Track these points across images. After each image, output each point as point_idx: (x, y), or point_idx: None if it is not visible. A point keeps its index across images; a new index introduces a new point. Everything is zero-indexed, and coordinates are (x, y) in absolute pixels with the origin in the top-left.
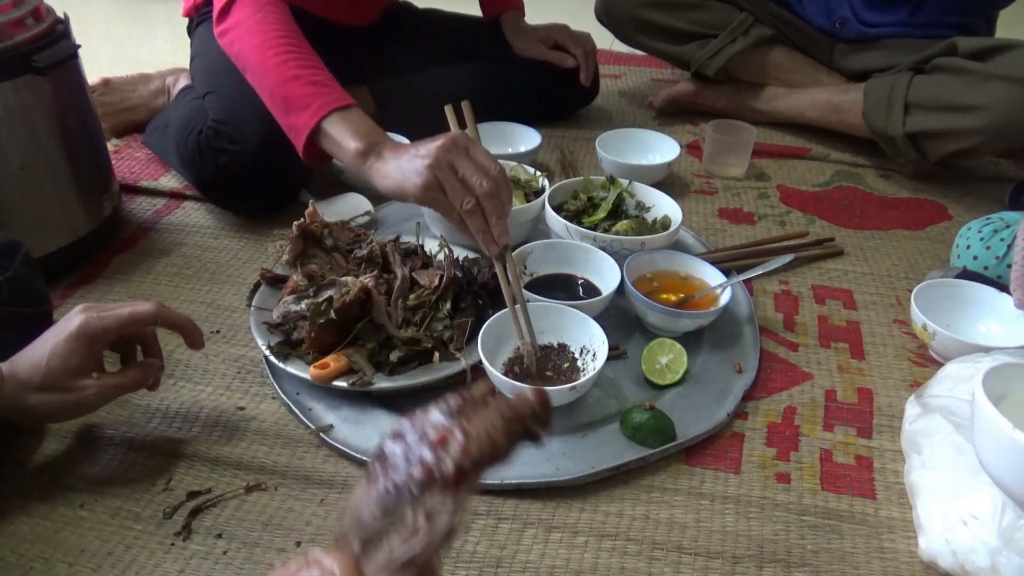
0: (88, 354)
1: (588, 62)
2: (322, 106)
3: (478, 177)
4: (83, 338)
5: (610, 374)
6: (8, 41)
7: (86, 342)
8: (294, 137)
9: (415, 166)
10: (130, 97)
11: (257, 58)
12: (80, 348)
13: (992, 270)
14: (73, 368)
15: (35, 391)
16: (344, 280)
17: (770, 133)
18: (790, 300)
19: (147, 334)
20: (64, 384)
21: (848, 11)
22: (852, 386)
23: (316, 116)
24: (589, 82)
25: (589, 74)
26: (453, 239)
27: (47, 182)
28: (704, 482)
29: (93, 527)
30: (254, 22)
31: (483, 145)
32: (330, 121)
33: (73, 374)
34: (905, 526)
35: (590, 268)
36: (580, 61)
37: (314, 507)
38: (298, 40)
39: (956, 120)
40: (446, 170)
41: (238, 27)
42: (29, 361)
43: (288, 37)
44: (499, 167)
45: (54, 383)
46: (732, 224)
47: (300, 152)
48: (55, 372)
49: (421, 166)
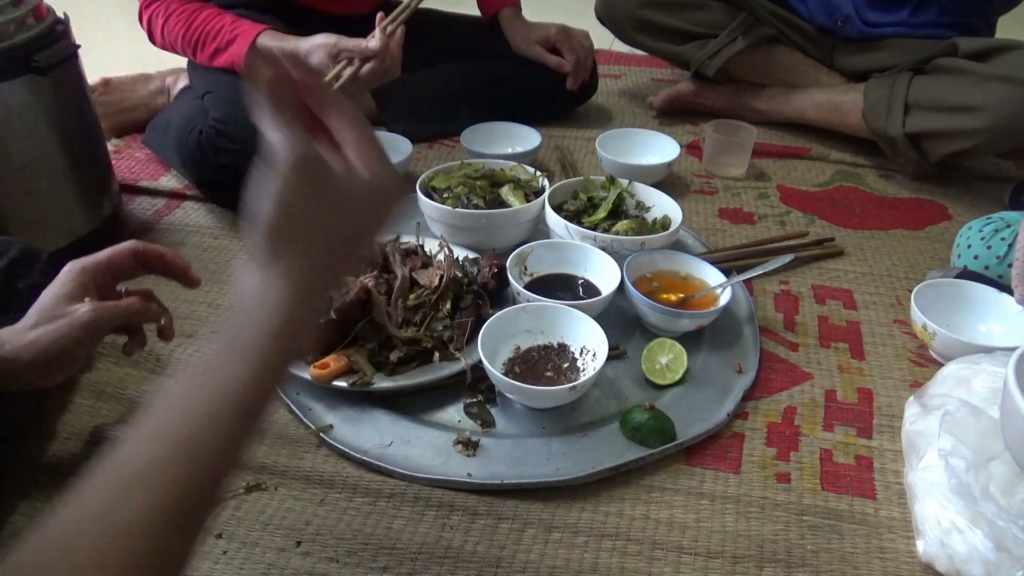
0: (77, 285)
1: (578, 72)
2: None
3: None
4: (72, 271)
5: (610, 374)
6: (8, 41)
7: (74, 274)
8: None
9: (317, 41)
10: (130, 97)
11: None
12: (69, 280)
13: (993, 270)
14: (64, 295)
15: (30, 329)
16: (344, 280)
17: (770, 133)
18: (790, 300)
19: (143, 293)
20: (57, 312)
21: (851, 9)
22: (852, 386)
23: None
24: (576, 88)
25: (577, 83)
26: (453, 239)
27: (47, 182)
28: (704, 482)
29: None
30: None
31: (481, 145)
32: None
33: (65, 301)
34: (905, 526)
35: (590, 268)
36: (570, 69)
37: (314, 507)
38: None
39: (956, 120)
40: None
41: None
42: (25, 316)
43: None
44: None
45: (46, 314)
46: (732, 224)
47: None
48: (47, 305)
49: (324, 41)
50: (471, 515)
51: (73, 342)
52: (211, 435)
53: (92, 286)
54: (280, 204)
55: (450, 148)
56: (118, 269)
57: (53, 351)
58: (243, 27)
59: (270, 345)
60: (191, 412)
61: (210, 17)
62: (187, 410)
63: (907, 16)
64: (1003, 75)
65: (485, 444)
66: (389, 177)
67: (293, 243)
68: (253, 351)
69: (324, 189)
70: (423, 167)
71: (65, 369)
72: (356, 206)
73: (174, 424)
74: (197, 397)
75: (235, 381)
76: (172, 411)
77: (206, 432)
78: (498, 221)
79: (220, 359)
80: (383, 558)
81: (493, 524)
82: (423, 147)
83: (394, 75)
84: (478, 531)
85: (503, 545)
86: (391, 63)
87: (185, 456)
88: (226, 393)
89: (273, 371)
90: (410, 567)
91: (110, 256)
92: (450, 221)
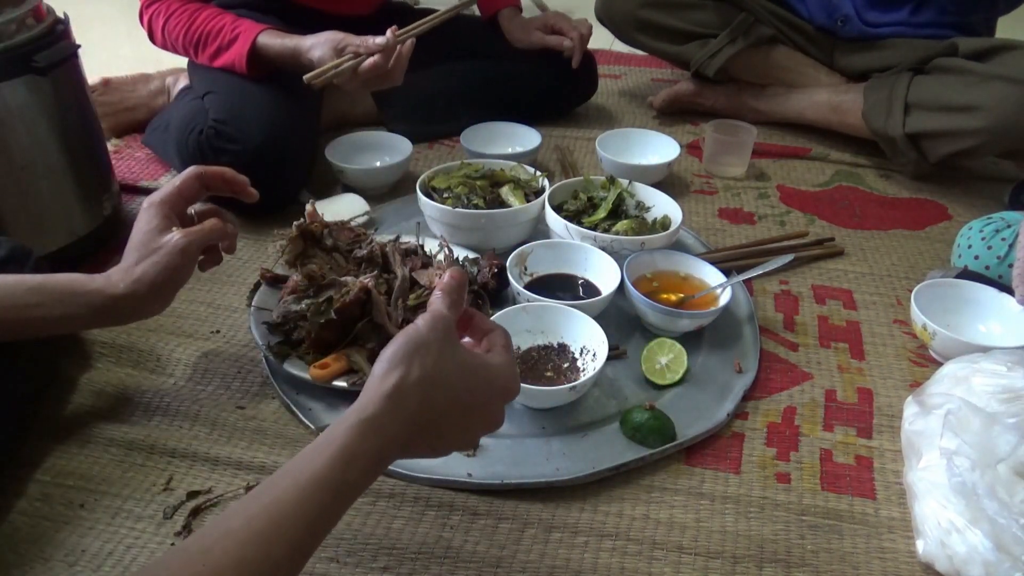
0: (162, 218)
1: (581, 45)
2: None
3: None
4: (152, 207)
5: (610, 374)
6: (8, 41)
7: (156, 209)
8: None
9: (323, 41)
10: (130, 97)
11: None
12: (152, 215)
13: (993, 270)
14: (153, 229)
15: (134, 266)
16: (344, 280)
17: (770, 133)
18: (790, 300)
19: (213, 211)
20: (153, 246)
21: (850, 9)
22: (852, 386)
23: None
24: (578, 64)
25: (580, 56)
26: (453, 239)
27: (47, 182)
28: (704, 482)
29: (93, 527)
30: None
31: (481, 145)
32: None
33: (156, 233)
34: (905, 526)
35: (590, 268)
36: (574, 43)
37: None
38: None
39: (956, 120)
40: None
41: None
42: (123, 256)
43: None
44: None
45: (144, 250)
46: (732, 224)
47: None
48: (141, 241)
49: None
50: (471, 515)
51: (175, 269)
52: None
53: (173, 215)
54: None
55: (450, 148)
56: (188, 195)
57: (160, 280)
58: (244, 27)
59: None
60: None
61: (211, 17)
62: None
63: (907, 16)
64: (1003, 75)
65: (485, 444)
66: (515, 377)
67: (429, 398)
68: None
69: (466, 365)
70: (423, 167)
71: (172, 294)
72: (487, 383)
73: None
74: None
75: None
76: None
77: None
78: (498, 221)
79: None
80: (383, 558)
81: (493, 524)
82: (423, 147)
83: (395, 81)
84: (478, 531)
85: (503, 545)
86: (395, 65)
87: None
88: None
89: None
90: (410, 567)
91: (179, 185)
92: (450, 221)
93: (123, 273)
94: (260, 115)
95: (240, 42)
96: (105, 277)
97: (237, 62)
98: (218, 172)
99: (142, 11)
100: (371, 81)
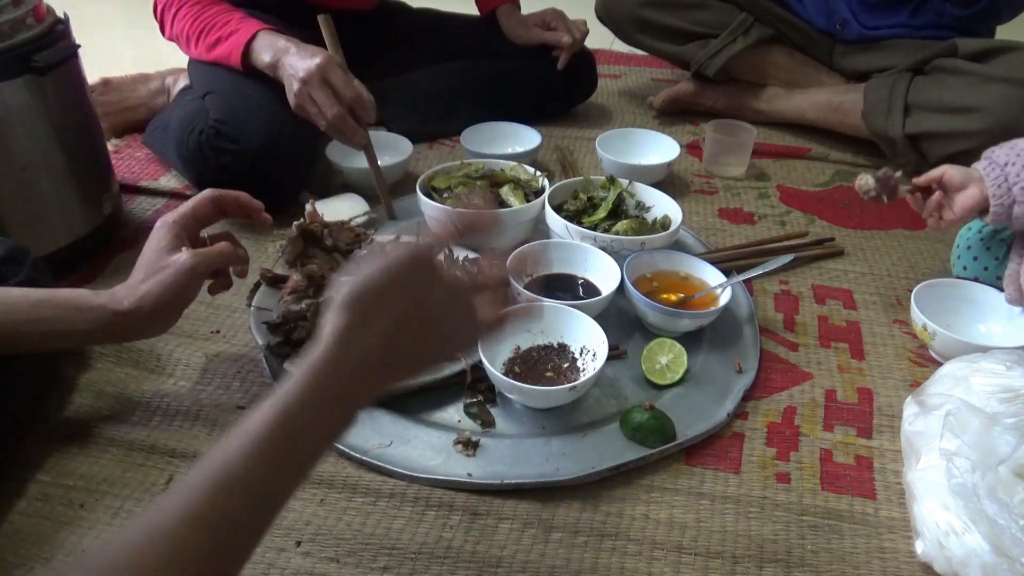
0: (172, 237)
1: (572, 48)
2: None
3: (343, 91)
4: (164, 226)
5: (610, 374)
6: (8, 41)
7: (167, 229)
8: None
9: (292, 86)
10: (130, 97)
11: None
12: (164, 234)
13: (992, 270)
14: (163, 248)
15: (140, 283)
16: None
17: (770, 133)
18: (790, 300)
19: (226, 236)
20: (160, 264)
21: (848, 13)
22: (852, 386)
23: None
24: (563, 67)
25: (567, 59)
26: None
27: (47, 182)
28: (704, 482)
29: (93, 527)
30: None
31: (481, 145)
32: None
33: (165, 252)
34: (905, 526)
35: (590, 268)
36: (566, 43)
37: (314, 507)
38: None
39: (956, 121)
40: (317, 88)
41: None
42: (132, 274)
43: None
44: (357, 86)
45: (152, 268)
46: (732, 224)
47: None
48: (149, 260)
49: (297, 88)
50: (471, 515)
51: (180, 288)
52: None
53: (184, 236)
54: (380, 271)
55: (450, 148)
56: (202, 217)
57: (164, 299)
58: (245, 24)
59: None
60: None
61: (219, 12)
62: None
63: (906, 18)
64: (1003, 76)
65: (485, 444)
66: (425, 259)
67: (376, 315)
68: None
69: (427, 279)
70: (423, 167)
71: (176, 314)
72: (448, 299)
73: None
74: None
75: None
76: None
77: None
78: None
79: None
80: (383, 558)
81: (493, 524)
82: (423, 147)
83: (359, 136)
84: (478, 531)
85: (503, 545)
86: (360, 113)
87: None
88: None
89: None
90: (410, 567)
91: (194, 206)
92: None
93: (128, 290)
94: (260, 115)
95: (236, 37)
96: (110, 294)
97: (232, 55)
98: (233, 196)
99: (156, 2)
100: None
